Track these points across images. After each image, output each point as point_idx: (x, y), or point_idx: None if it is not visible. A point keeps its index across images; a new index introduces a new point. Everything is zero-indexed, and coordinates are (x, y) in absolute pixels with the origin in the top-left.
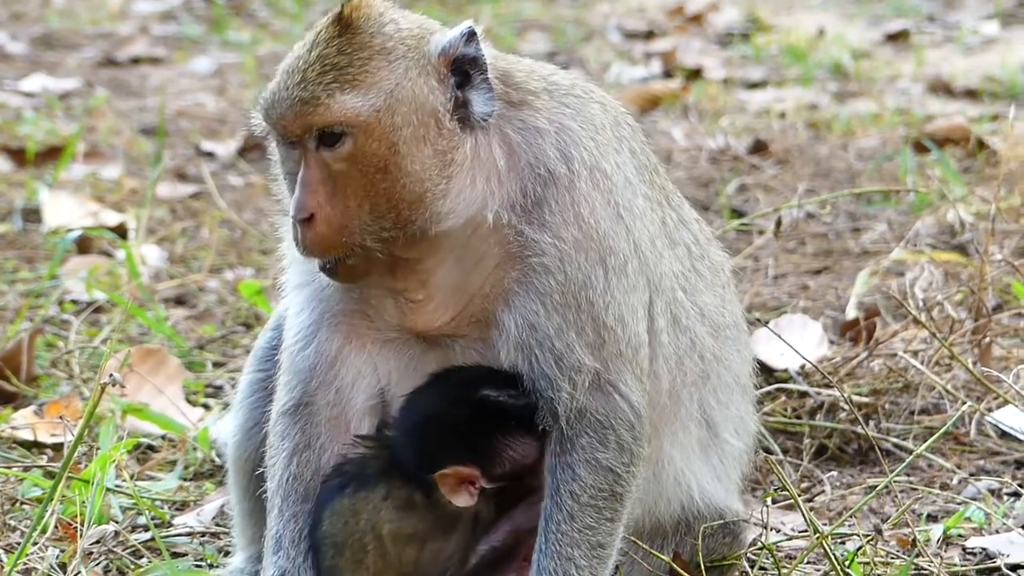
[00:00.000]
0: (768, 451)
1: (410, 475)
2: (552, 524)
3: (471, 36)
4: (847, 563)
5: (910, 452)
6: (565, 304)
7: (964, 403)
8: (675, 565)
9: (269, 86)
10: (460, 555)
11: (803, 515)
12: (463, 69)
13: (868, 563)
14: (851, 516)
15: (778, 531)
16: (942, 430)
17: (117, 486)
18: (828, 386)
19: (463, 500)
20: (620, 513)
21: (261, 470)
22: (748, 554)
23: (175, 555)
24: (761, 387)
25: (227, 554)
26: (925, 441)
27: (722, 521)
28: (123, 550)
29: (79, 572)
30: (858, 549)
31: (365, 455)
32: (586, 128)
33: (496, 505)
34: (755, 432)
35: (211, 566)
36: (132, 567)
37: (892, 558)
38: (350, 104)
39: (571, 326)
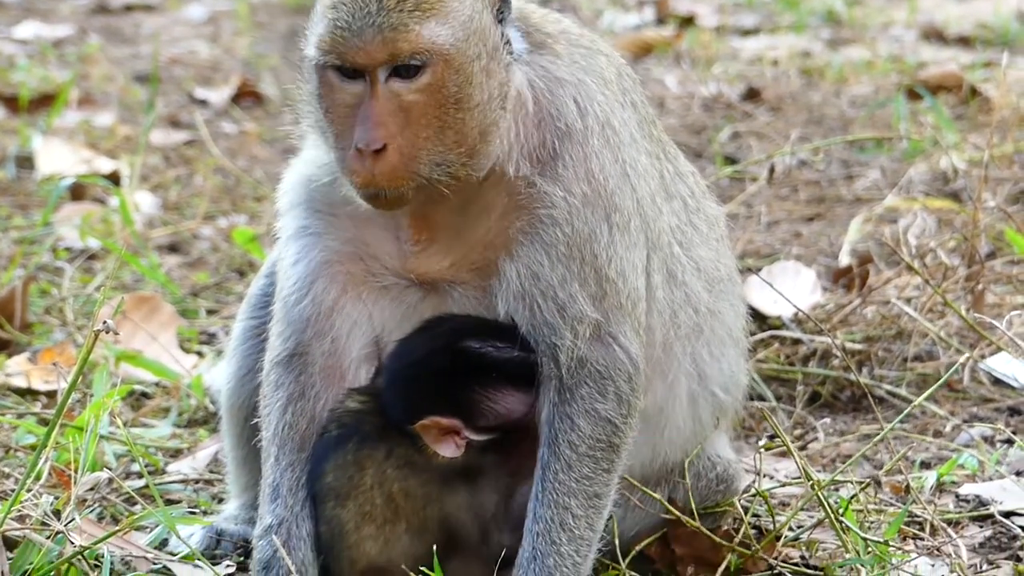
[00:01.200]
0: (761, 398)
1: (395, 426)
2: (549, 473)
3: None
4: (841, 511)
5: (903, 399)
6: (570, 256)
7: (957, 351)
8: (671, 507)
9: (334, 14)
10: (495, 508)
11: (796, 463)
12: (498, 6)
13: (862, 510)
14: (847, 468)
15: (771, 478)
16: (940, 381)
17: (111, 433)
18: (821, 333)
19: (448, 451)
20: (616, 464)
21: (255, 418)
22: (742, 501)
23: (169, 502)
24: (754, 334)
25: (221, 501)
26: (918, 388)
27: (712, 467)
28: (117, 497)
29: (73, 519)
30: (852, 497)
31: (361, 410)
32: (597, 82)
33: (506, 458)
34: (745, 386)
35: (205, 513)
36: (126, 514)
37: (886, 505)
38: (436, 32)
39: (575, 277)
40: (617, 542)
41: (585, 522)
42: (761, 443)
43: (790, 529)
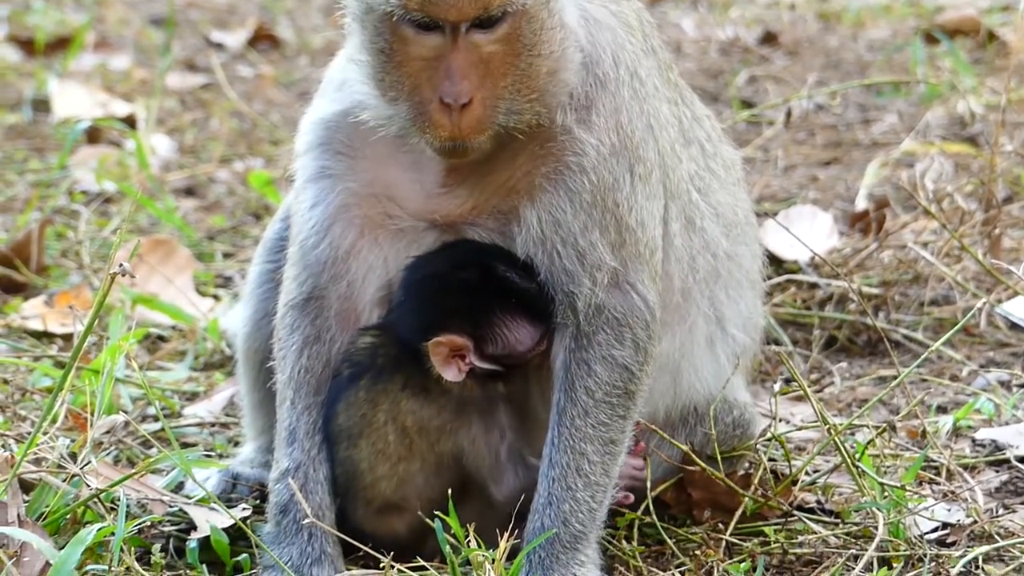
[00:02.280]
0: (778, 343)
1: (407, 348)
2: (566, 419)
3: None
4: (858, 456)
5: (920, 343)
6: (593, 204)
7: (974, 295)
8: (690, 453)
9: None
10: (506, 456)
11: (813, 407)
12: None
13: (878, 455)
14: (864, 413)
15: (787, 423)
16: (957, 326)
17: (127, 376)
18: (837, 277)
19: (451, 374)
20: (632, 411)
21: (271, 362)
22: (758, 446)
23: (184, 445)
24: (771, 278)
25: (237, 444)
26: (935, 332)
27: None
28: (133, 440)
29: (89, 462)
30: (869, 442)
31: (374, 344)
32: (624, 28)
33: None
34: (762, 327)
35: (221, 456)
36: (142, 457)
37: (902, 450)
38: None
39: (596, 225)
40: (648, 485)
41: (601, 468)
42: (777, 387)
43: (806, 474)
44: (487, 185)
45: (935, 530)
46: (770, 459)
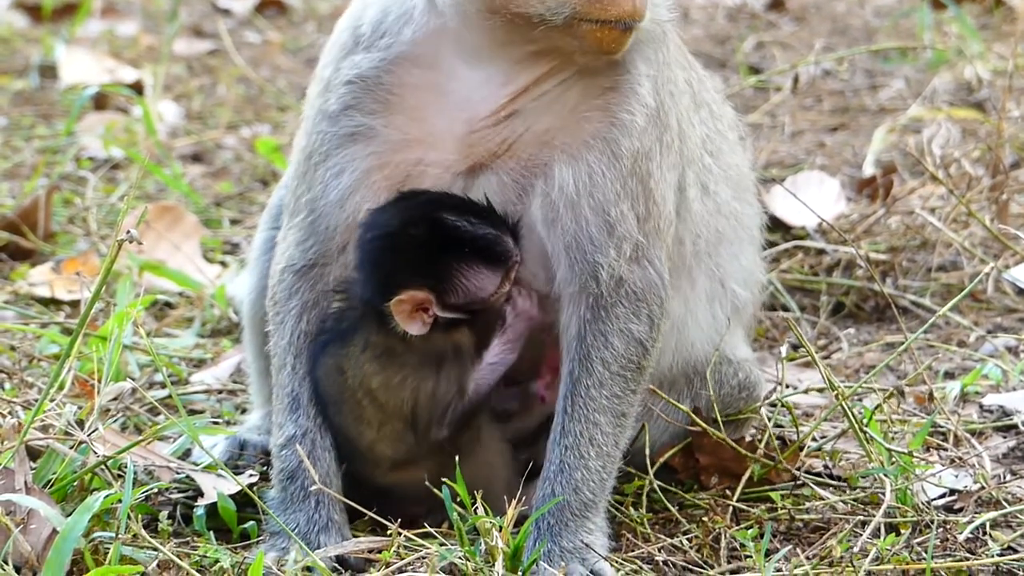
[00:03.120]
0: (785, 309)
1: (370, 307)
2: (581, 388)
3: None
4: (865, 421)
5: (927, 309)
6: (631, 171)
7: (981, 261)
8: (694, 416)
9: None
10: (457, 388)
11: (820, 372)
12: None
13: (886, 421)
14: (871, 378)
15: (794, 388)
16: (964, 292)
17: (134, 343)
18: (845, 243)
19: (415, 328)
20: (641, 385)
21: None
22: (765, 411)
23: (192, 412)
24: (778, 244)
25: (244, 411)
26: (942, 298)
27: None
28: (140, 407)
29: (96, 428)
30: (876, 407)
31: (342, 307)
32: None
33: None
34: (763, 282)
35: (228, 423)
36: (149, 424)
37: (909, 416)
38: None
39: (628, 195)
40: (648, 451)
41: (612, 439)
42: (783, 352)
43: (813, 439)
44: (531, 125)
45: (942, 496)
46: (777, 425)
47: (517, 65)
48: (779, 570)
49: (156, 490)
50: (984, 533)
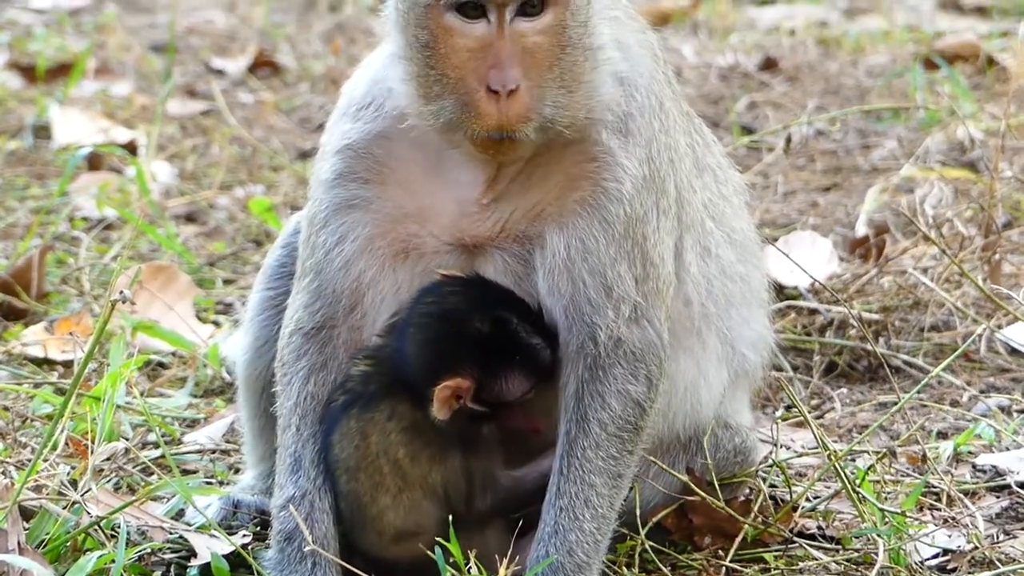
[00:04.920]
0: (778, 368)
1: (404, 381)
2: (577, 449)
3: None
4: (858, 481)
5: (920, 369)
6: (624, 236)
7: (974, 321)
8: (688, 481)
9: None
10: (482, 477)
11: (813, 433)
12: None
13: (879, 481)
14: (864, 439)
15: (788, 448)
16: (957, 352)
17: (127, 403)
18: (838, 303)
19: (443, 413)
20: (638, 446)
21: (272, 388)
22: (759, 472)
23: (185, 472)
24: (771, 304)
25: (237, 471)
26: (935, 358)
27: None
28: (133, 467)
29: (89, 489)
30: (869, 467)
31: (367, 372)
32: (652, 58)
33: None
34: (771, 345)
35: (221, 483)
36: (142, 484)
37: (902, 476)
38: None
39: (624, 257)
40: (638, 512)
41: (608, 501)
42: (778, 414)
43: (807, 500)
44: (520, 205)
45: (936, 556)
46: (771, 485)
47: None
48: None
49: (149, 550)
50: None
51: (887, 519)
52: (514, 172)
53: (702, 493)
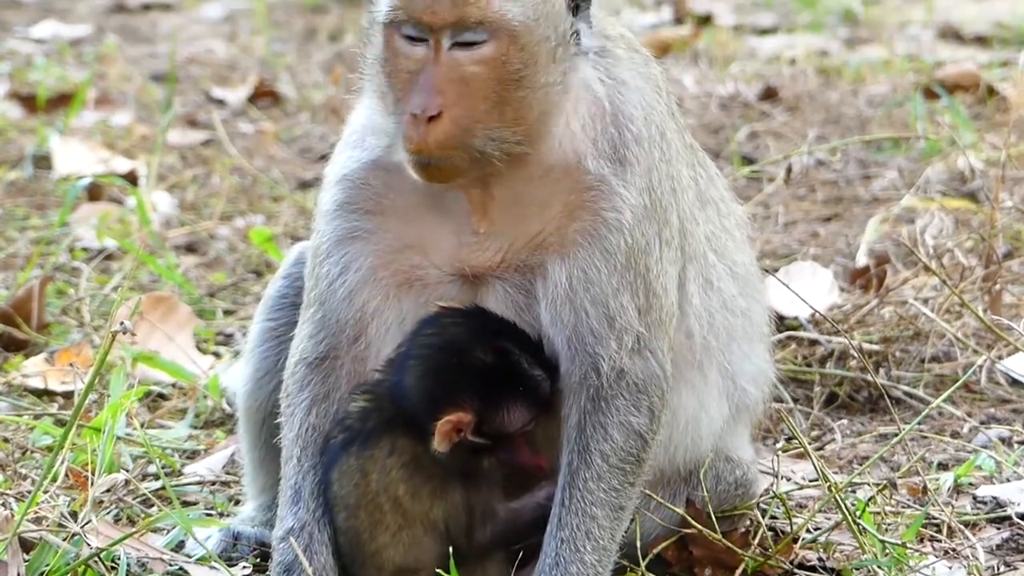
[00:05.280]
0: (778, 399)
1: (404, 414)
2: (579, 481)
3: None
4: (859, 513)
5: (921, 400)
6: (627, 266)
7: (975, 352)
8: (686, 515)
9: None
10: (483, 509)
11: (814, 465)
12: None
13: (879, 512)
14: (864, 470)
15: (789, 480)
16: (958, 383)
17: (128, 434)
18: (838, 334)
19: (443, 446)
20: (640, 478)
21: (273, 420)
22: (760, 504)
23: (186, 504)
24: (771, 335)
25: (238, 503)
26: (935, 389)
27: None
28: (134, 499)
29: (90, 520)
30: (870, 499)
31: (366, 407)
32: (654, 90)
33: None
34: (772, 379)
35: (222, 515)
36: (143, 516)
37: (903, 507)
38: (506, 6)
39: (627, 288)
40: (639, 544)
41: (609, 533)
42: (779, 445)
43: (807, 531)
44: (519, 235)
45: None
46: (771, 517)
47: (475, 182)
48: None
49: None
50: None
51: (888, 550)
52: (508, 201)
53: (699, 526)
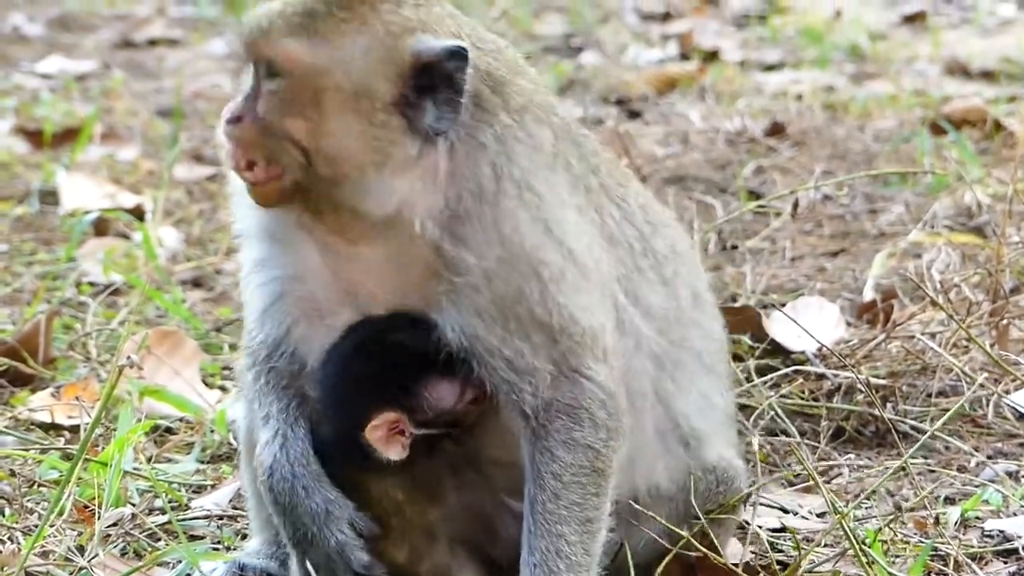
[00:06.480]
0: (786, 433)
1: (352, 447)
2: (538, 505)
3: (456, 55)
4: (868, 543)
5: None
6: (504, 316)
7: (982, 386)
8: (670, 526)
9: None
10: (491, 503)
11: (823, 494)
12: (433, 79)
13: (886, 542)
14: (870, 496)
15: (795, 514)
16: (954, 407)
17: (134, 468)
18: (845, 368)
19: (396, 452)
20: (605, 488)
21: None
22: (767, 538)
23: (192, 538)
24: (778, 369)
25: (244, 537)
26: (943, 424)
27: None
28: (140, 533)
29: (96, 555)
30: (878, 531)
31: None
32: (527, 149)
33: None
34: (724, 407)
35: (228, 548)
36: (149, 550)
37: (909, 540)
38: (292, 48)
39: (514, 335)
40: (631, 567)
41: (581, 548)
42: (780, 476)
43: (812, 561)
44: (396, 290)
45: None
46: (777, 550)
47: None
48: None
49: None
50: None
51: None
52: (373, 258)
53: (687, 535)
